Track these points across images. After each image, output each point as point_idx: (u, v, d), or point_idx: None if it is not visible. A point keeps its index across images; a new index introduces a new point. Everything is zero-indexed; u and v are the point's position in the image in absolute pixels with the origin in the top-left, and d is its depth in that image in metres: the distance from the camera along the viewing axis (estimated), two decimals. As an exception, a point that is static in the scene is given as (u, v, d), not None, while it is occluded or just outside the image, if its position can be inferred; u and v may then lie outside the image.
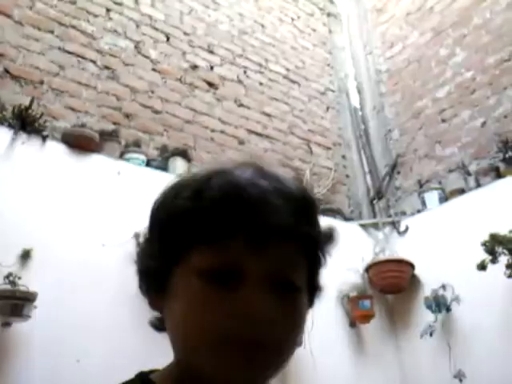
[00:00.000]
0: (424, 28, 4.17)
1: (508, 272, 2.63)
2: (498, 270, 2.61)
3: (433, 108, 3.91)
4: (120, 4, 3.34)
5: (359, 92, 4.50)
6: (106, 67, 3.11)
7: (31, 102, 2.54)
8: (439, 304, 3.00)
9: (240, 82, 3.74)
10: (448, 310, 3.02)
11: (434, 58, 4.01)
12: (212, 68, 3.63)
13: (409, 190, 3.90)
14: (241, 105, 3.66)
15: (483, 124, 3.52)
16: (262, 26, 4.14)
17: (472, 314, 2.92)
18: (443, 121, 3.80)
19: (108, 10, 3.27)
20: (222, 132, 3.46)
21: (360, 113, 4.40)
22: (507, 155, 3.16)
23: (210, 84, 3.56)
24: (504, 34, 3.56)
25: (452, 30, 3.93)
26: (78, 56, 3.02)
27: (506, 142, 3.21)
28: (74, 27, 3.07)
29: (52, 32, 2.97)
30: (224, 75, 3.67)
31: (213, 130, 3.42)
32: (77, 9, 3.13)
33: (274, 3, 4.34)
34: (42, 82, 2.81)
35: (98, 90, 3.02)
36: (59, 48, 2.96)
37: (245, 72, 3.81)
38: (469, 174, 3.43)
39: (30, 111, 2.49)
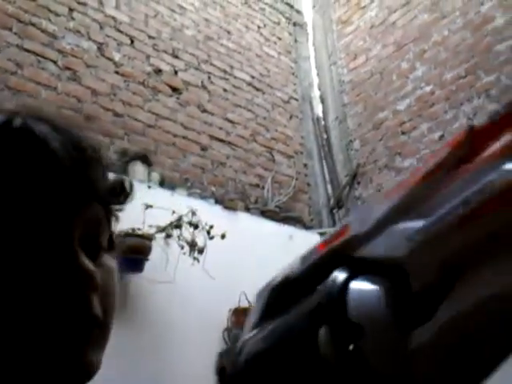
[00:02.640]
0: (387, 41, 4.27)
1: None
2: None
3: (393, 120, 3.99)
4: (83, 4, 3.28)
5: (322, 102, 4.56)
6: (67, 68, 3.04)
7: (-14, 100, 2.46)
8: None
9: (204, 87, 3.72)
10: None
11: (396, 71, 4.10)
12: (176, 73, 3.61)
13: (368, 199, 3.97)
14: (204, 110, 3.64)
15: (441, 137, 3.61)
16: (228, 32, 4.14)
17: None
18: (403, 133, 3.89)
19: (71, 10, 3.21)
20: (185, 137, 3.43)
21: (323, 122, 4.46)
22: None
23: (174, 89, 3.53)
24: (460, 51, 3.68)
25: (413, 45, 4.03)
26: (38, 55, 2.94)
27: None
28: (33, 25, 2.99)
29: (10, 29, 2.88)
30: (188, 80, 3.65)
31: (175, 135, 3.39)
32: (37, 6, 3.05)
33: (241, 10, 4.36)
34: (-2, 81, 2.72)
35: (58, 90, 2.94)
36: (17, 46, 2.88)
37: (209, 78, 3.80)
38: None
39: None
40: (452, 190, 0.26)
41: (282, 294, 0.37)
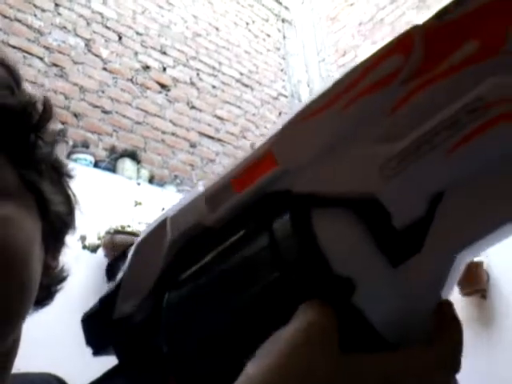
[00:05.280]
0: (375, 38, 4.28)
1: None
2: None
3: (382, 116, 4.01)
4: (70, 0, 3.24)
5: (311, 98, 4.57)
6: (54, 64, 3.01)
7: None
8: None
9: (193, 84, 3.71)
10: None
11: (384, 68, 4.11)
12: (164, 69, 3.59)
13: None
14: (193, 107, 3.63)
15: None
16: (217, 28, 4.13)
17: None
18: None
19: (57, 5, 3.17)
20: (173, 134, 3.42)
21: (312, 119, 4.46)
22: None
23: (162, 85, 3.52)
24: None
25: (401, 42, 4.05)
26: (24, 51, 2.91)
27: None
28: (19, 21, 2.96)
29: (-4, 25, 2.85)
30: (176, 77, 3.63)
31: (164, 132, 3.37)
32: (23, 1, 3.01)
33: (229, 7, 4.34)
34: (-16, 77, 2.69)
35: (46, 87, 2.91)
36: (3, 42, 2.84)
37: (198, 74, 3.78)
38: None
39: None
40: (421, 105, 0.23)
41: (191, 246, 0.30)
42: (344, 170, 0.25)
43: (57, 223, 0.39)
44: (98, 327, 0.34)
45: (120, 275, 0.33)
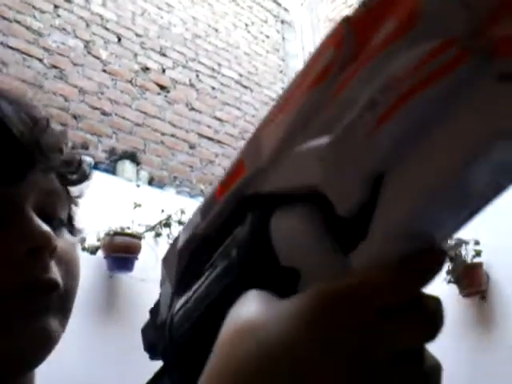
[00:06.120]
0: (374, 39, 4.29)
1: (448, 278, 2.72)
2: (438, 275, 2.70)
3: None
4: (69, 1, 3.25)
5: (311, 100, 4.57)
6: (54, 66, 3.01)
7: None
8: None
9: (192, 85, 3.71)
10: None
11: (383, 69, 4.12)
12: (164, 71, 3.59)
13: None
14: (192, 109, 3.63)
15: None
16: (216, 30, 4.13)
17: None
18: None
19: (56, 7, 3.18)
20: (173, 136, 3.42)
21: (311, 120, 4.47)
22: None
23: (162, 87, 3.52)
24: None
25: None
26: (23, 53, 2.91)
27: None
28: (18, 22, 2.96)
29: (-5, 27, 2.85)
30: (176, 78, 3.63)
31: (163, 134, 3.37)
32: (21, 3, 3.02)
33: (229, 8, 4.35)
34: (-17, 79, 2.69)
35: (45, 89, 2.92)
36: (2, 43, 2.85)
37: (197, 76, 3.79)
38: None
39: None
40: (349, 94, 0.24)
41: (193, 255, 0.34)
42: (292, 166, 0.26)
43: None
44: (148, 333, 0.38)
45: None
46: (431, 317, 0.24)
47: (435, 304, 0.25)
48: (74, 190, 0.47)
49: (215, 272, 0.30)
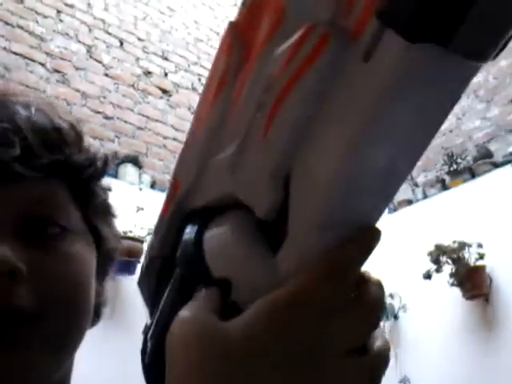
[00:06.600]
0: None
1: (451, 281, 2.72)
2: (442, 278, 2.70)
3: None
4: (71, 6, 3.26)
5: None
6: (56, 70, 3.03)
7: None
8: (387, 312, 3.07)
9: (194, 89, 3.72)
10: (396, 317, 3.09)
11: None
12: (166, 75, 3.60)
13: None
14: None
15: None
16: (218, 34, 4.14)
17: (418, 322, 3.00)
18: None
19: (59, 12, 3.19)
20: (175, 139, 3.43)
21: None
22: (452, 168, 3.28)
23: (164, 91, 3.53)
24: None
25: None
26: (26, 58, 2.92)
27: (452, 155, 3.34)
28: (21, 27, 2.97)
29: (-2, 32, 2.86)
30: (178, 82, 3.64)
31: (165, 137, 3.38)
32: (24, 8, 3.03)
33: (230, 12, 4.36)
34: (-14, 84, 2.70)
35: (47, 93, 2.93)
36: (5, 48, 2.86)
37: (199, 80, 3.79)
38: (417, 185, 3.54)
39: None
40: (246, 99, 0.24)
41: (159, 277, 0.33)
42: (210, 179, 0.27)
43: (107, 258, 0.45)
44: (144, 343, 0.39)
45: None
46: (370, 308, 0.24)
47: (374, 290, 0.25)
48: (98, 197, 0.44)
49: (167, 291, 0.30)
